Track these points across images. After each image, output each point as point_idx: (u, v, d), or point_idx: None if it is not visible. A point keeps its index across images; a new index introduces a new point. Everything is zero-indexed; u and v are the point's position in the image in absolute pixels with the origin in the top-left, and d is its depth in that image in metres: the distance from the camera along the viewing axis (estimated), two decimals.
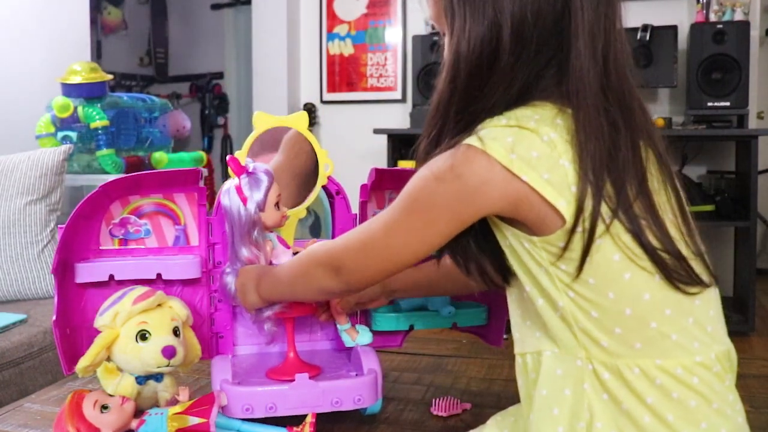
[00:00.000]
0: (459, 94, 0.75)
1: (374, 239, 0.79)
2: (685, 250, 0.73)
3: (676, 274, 0.71)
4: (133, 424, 0.92)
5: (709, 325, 0.74)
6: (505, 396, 1.15)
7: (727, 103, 3.05)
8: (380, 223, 0.79)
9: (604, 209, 0.69)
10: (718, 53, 3.05)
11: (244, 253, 1.00)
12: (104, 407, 0.92)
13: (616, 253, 0.70)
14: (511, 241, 0.75)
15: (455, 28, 0.75)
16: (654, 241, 0.70)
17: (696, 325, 0.72)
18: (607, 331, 0.71)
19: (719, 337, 0.75)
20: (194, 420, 0.90)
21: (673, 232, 0.73)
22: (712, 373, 0.72)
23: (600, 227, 0.69)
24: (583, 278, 0.70)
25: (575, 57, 0.72)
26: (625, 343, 0.71)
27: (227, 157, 1.01)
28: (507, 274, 0.79)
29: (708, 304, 0.75)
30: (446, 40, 0.82)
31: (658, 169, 0.75)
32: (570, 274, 0.71)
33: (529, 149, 0.69)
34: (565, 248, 0.70)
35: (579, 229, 0.69)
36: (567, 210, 0.69)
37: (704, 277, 0.73)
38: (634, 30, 3.20)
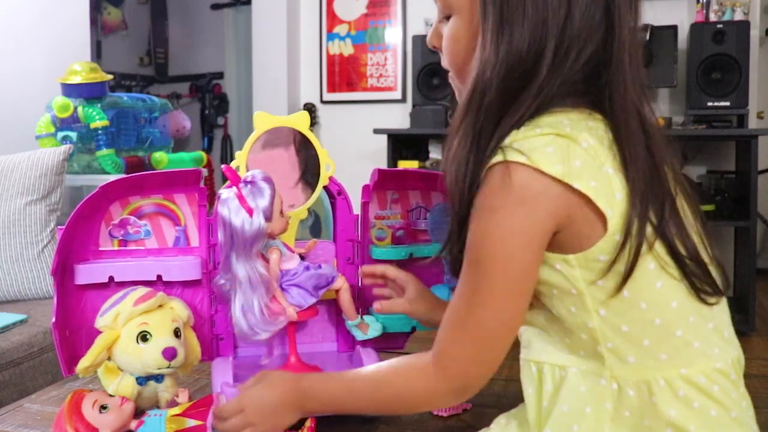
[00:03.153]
0: (490, 103, 0.71)
1: (482, 327, 0.72)
2: (704, 256, 0.72)
3: (699, 283, 0.71)
4: (133, 424, 0.92)
5: (726, 330, 0.74)
6: (505, 396, 1.15)
7: (727, 103, 3.05)
8: (478, 307, 0.71)
9: (649, 226, 0.68)
10: (718, 53, 3.05)
11: (241, 272, 0.95)
12: (103, 407, 0.91)
13: (651, 262, 0.69)
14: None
15: (488, 26, 0.71)
16: (681, 249, 0.70)
17: (715, 331, 0.73)
18: (635, 345, 0.70)
19: (733, 341, 0.75)
20: (192, 422, 0.90)
21: (695, 238, 0.72)
22: (730, 381, 0.72)
23: (645, 243, 0.68)
24: (618, 290, 0.69)
25: (619, 71, 0.70)
26: (651, 355, 0.70)
27: (222, 167, 0.97)
28: None
29: (724, 309, 0.75)
30: (450, 27, 0.78)
31: (673, 174, 0.74)
32: (608, 290, 0.69)
33: (571, 158, 0.67)
34: (611, 262, 0.68)
35: (626, 242, 0.67)
36: (612, 219, 0.67)
37: (719, 282, 0.73)
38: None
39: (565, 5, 0.69)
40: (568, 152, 0.67)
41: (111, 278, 1.03)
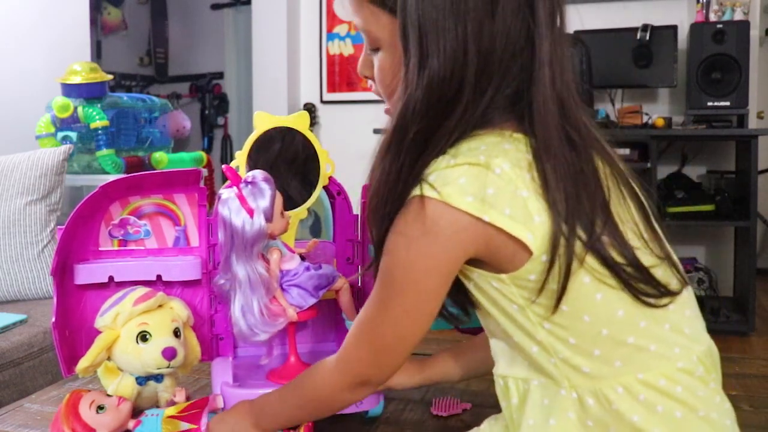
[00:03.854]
0: (411, 140, 0.71)
1: (382, 337, 0.76)
2: (648, 259, 0.71)
3: (642, 289, 0.70)
4: (130, 424, 0.92)
5: (687, 327, 0.73)
6: None
7: (727, 103, 3.06)
8: (380, 320, 0.75)
9: (578, 243, 0.68)
10: (718, 53, 3.05)
11: (241, 272, 0.95)
12: (100, 408, 0.91)
13: (585, 275, 0.69)
14: (477, 282, 0.73)
15: (410, 60, 0.72)
16: (618, 258, 0.69)
17: (673, 331, 0.72)
18: (586, 355, 0.70)
19: (698, 336, 0.74)
20: (185, 425, 0.90)
21: (635, 241, 0.71)
22: (695, 378, 0.71)
23: (575, 261, 0.68)
24: (558, 306, 0.69)
25: (538, 86, 0.70)
26: (605, 363, 0.70)
27: (223, 167, 0.97)
28: (468, 306, 0.79)
29: (682, 307, 0.74)
30: (379, 60, 0.79)
31: (613, 178, 0.73)
32: (546, 307, 0.70)
33: (484, 187, 0.67)
34: (542, 282, 0.68)
35: (554, 262, 0.67)
36: (534, 243, 0.67)
37: (672, 283, 0.72)
38: (634, 30, 3.20)
39: (487, 35, 0.69)
40: (480, 181, 0.67)
41: (111, 278, 1.03)
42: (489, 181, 0.67)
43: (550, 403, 0.73)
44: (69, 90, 2.48)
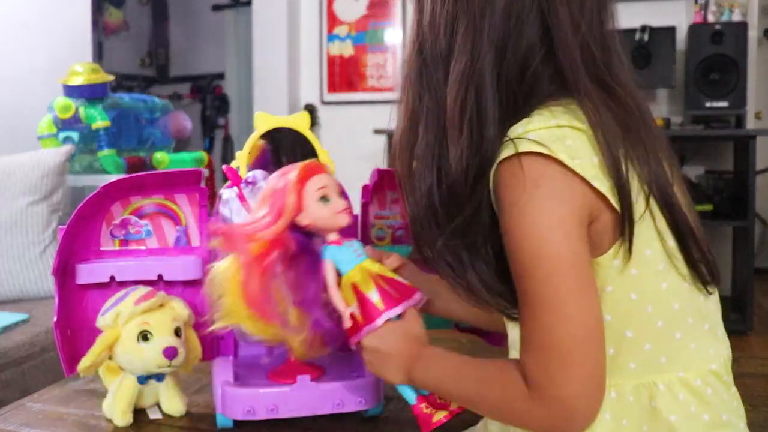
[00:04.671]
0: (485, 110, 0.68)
1: (554, 343, 0.63)
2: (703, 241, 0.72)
3: (700, 270, 0.70)
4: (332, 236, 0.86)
5: (719, 330, 0.74)
6: None
7: (725, 104, 3.06)
8: (539, 321, 0.64)
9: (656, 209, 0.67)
10: (716, 54, 3.06)
11: None
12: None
13: (659, 262, 0.68)
14: None
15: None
16: (684, 227, 0.68)
17: (710, 331, 0.72)
18: (638, 351, 0.69)
19: (726, 340, 0.75)
20: (375, 296, 0.80)
21: (693, 224, 0.71)
22: (722, 382, 0.71)
23: (653, 226, 0.66)
24: (627, 294, 0.68)
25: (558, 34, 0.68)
26: (653, 359, 0.69)
27: (224, 167, 0.97)
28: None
29: (717, 306, 0.74)
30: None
31: (669, 160, 0.72)
32: (616, 297, 0.67)
33: (590, 154, 0.65)
34: (622, 268, 0.66)
35: (639, 243, 0.66)
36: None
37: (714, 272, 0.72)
38: (633, 31, 3.20)
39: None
40: (586, 147, 0.65)
41: (112, 278, 1.03)
42: (594, 149, 0.65)
43: None
44: (70, 91, 2.49)
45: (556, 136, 0.64)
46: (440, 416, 0.80)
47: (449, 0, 0.70)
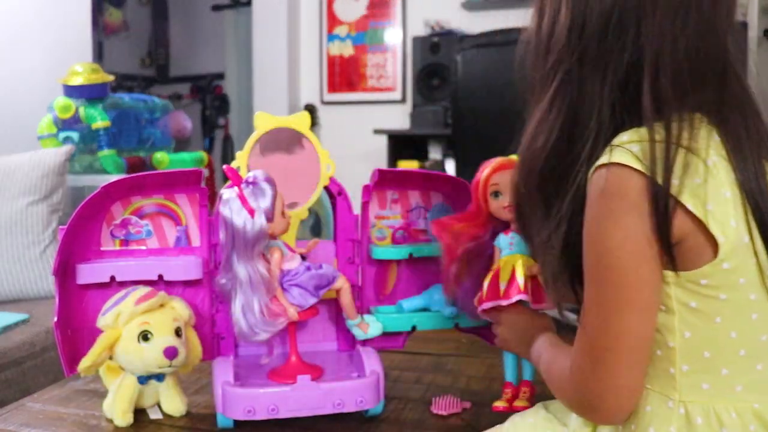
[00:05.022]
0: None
1: (593, 340, 0.69)
2: None
3: None
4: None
5: None
6: None
7: None
8: (592, 317, 0.69)
9: (762, 255, 0.66)
10: None
11: (242, 272, 0.95)
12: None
13: (754, 293, 0.67)
14: None
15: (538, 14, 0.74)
16: None
17: None
18: (713, 373, 0.68)
19: None
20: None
21: None
22: None
23: (758, 274, 0.66)
24: (711, 316, 0.67)
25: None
26: (728, 385, 0.68)
27: (224, 167, 0.97)
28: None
29: None
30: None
31: None
32: (701, 315, 0.67)
33: (693, 174, 0.64)
34: (715, 288, 0.66)
35: (734, 274, 0.66)
36: (724, 246, 0.65)
37: None
38: None
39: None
40: (691, 168, 0.64)
41: (112, 278, 1.03)
42: (699, 170, 0.65)
43: (653, 411, 0.70)
44: (71, 91, 2.48)
45: (655, 153, 0.65)
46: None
47: (568, 12, 0.71)
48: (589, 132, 0.70)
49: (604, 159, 0.67)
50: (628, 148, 0.65)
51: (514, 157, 0.94)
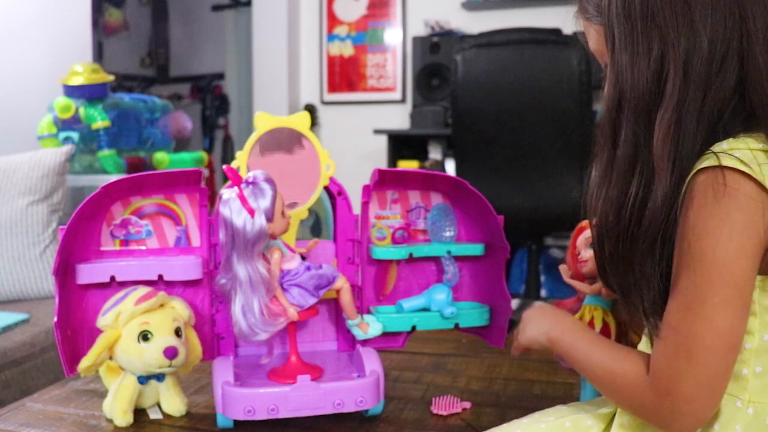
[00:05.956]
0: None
1: (699, 340, 0.67)
2: None
3: None
4: None
5: None
6: (505, 394, 1.15)
7: None
8: (685, 316, 0.68)
9: None
10: None
11: (242, 272, 0.95)
12: None
13: None
14: None
15: (615, 62, 0.74)
16: None
17: None
18: None
19: None
20: None
21: None
22: None
23: None
24: None
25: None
26: None
27: (224, 167, 0.97)
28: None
29: None
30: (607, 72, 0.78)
31: None
32: None
33: None
34: None
35: None
36: None
37: None
38: None
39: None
40: None
41: (112, 278, 1.03)
42: None
43: (720, 410, 0.71)
44: (71, 91, 2.49)
45: (758, 159, 0.66)
46: None
47: (654, 54, 0.71)
48: (689, 160, 0.70)
49: (707, 163, 0.67)
50: (731, 154, 0.66)
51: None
